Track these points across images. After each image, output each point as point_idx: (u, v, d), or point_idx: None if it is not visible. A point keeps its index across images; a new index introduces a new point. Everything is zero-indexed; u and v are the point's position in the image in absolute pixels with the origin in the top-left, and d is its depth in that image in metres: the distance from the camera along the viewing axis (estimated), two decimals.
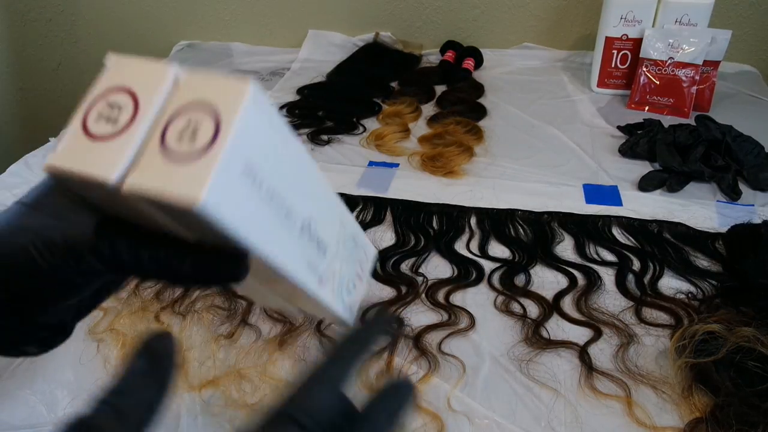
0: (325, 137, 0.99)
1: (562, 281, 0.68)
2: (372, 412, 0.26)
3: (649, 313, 0.63)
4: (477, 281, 0.68)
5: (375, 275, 0.69)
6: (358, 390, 0.54)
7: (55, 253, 0.24)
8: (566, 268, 0.69)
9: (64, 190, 0.26)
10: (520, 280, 0.68)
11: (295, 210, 0.26)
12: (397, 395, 0.27)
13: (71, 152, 0.23)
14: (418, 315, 0.63)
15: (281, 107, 1.10)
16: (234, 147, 0.22)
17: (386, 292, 0.66)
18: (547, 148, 0.96)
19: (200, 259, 0.24)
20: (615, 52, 1.12)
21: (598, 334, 0.60)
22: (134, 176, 0.22)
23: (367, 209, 0.80)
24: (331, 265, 0.31)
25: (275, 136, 0.25)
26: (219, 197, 0.22)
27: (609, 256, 0.72)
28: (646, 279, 0.67)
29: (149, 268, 0.25)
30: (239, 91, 0.23)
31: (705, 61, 1.03)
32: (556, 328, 0.61)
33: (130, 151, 0.23)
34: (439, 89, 1.17)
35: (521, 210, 0.80)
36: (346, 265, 0.33)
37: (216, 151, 0.22)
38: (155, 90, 0.24)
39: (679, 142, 0.89)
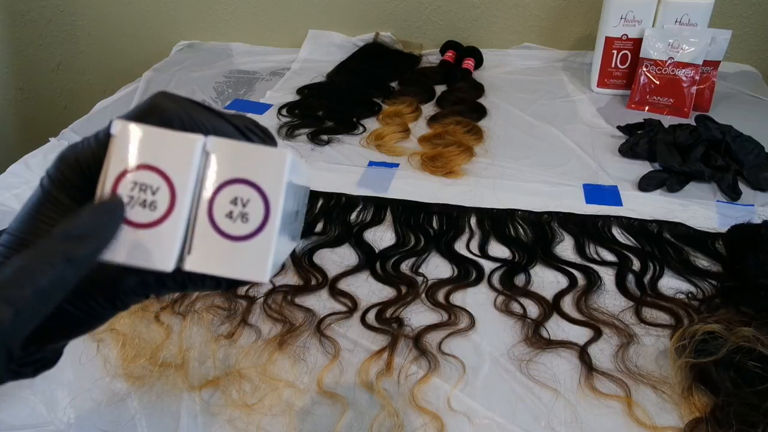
0: (325, 137, 0.99)
1: (562, 281, 0.68)
2: None
3: (649, 313, 0.63)
4: (477, 281, 0.68)
5: (375, 275, 0.69)
6: (358, 390, 0.54)
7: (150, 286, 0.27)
8: (566, 268, 0.69)
9: None
10: (520, 280, 0.68)
11: (295, 210, 0.28)
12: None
13: (116, 243, 0.24)
14: (418, 315, 0.63)
15: (281, 107, 1.10)
16: (282, 218, 0.24)
17: (386, 292, 0.66)
18: (547, 148, 0.96)
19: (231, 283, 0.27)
20: (615, 52, 1.12)
21: (598, 334, 0.60)
22: (195, 258, 0.24)
23: (367, 209, 0.80)
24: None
25: (298, 179, 0.27)
26: (274, 260, 0.24)
27: (609, 256, 0.72)
28: (646, 279, 0.67)
29: (191, 290, 0.28)
30: (279, 164, 0.24)
31: (705, 61, 1.03)
32: (556, 328, 0.61)
33: (179, 237, 0.24)
34: (439, 89, 1.17)
35: (521, 210, 0.80)
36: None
37: (270, 230, 0.24)
38: (187, 168, 0.24)
39: (679, 142, 0.89)
